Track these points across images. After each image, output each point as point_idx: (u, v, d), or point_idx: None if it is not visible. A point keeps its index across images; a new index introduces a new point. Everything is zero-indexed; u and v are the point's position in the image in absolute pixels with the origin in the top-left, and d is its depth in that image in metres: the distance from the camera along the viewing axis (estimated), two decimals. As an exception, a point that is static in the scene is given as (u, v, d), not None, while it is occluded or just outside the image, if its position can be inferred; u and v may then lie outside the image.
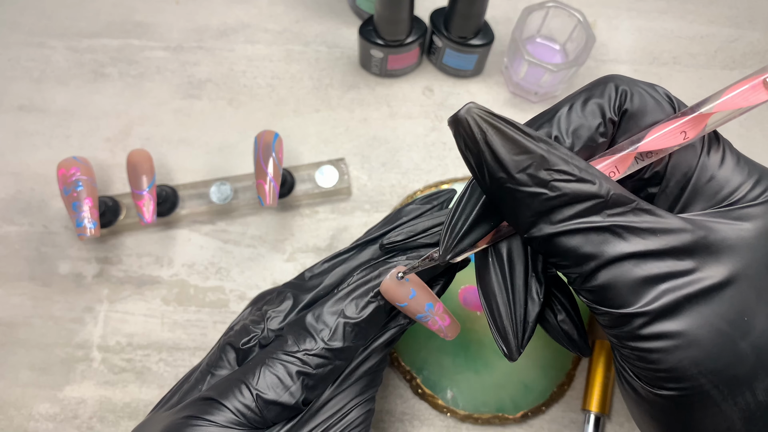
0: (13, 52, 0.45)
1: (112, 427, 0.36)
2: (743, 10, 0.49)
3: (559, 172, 0.19)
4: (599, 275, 0.19)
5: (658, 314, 0.19)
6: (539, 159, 0.19)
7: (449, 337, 0.28)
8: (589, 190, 0.19)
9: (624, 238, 0.19)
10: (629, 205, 0.19)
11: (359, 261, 0.30)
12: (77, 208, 0.34)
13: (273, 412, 0.25)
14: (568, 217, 0.19)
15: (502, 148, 0.19)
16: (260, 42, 0.46)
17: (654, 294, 0.19)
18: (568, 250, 0.19)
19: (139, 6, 0.47)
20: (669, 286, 0.19)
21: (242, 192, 0.40)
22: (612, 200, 0.19)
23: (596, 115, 0.21)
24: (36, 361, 0.37)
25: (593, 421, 0.36)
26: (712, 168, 0.21)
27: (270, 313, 0.29)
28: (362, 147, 0.43)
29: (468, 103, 0.19)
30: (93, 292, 0.39)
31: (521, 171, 0.19)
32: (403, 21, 0.39)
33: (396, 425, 0.36)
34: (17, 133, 0.43)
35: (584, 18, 0.41)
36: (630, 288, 0.19)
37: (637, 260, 0.19)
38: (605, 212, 0.19)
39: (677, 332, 0.19)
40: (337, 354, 0.26)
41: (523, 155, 0.19)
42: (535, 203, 0.19)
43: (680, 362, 0.19)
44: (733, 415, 0.19)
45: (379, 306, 0.27)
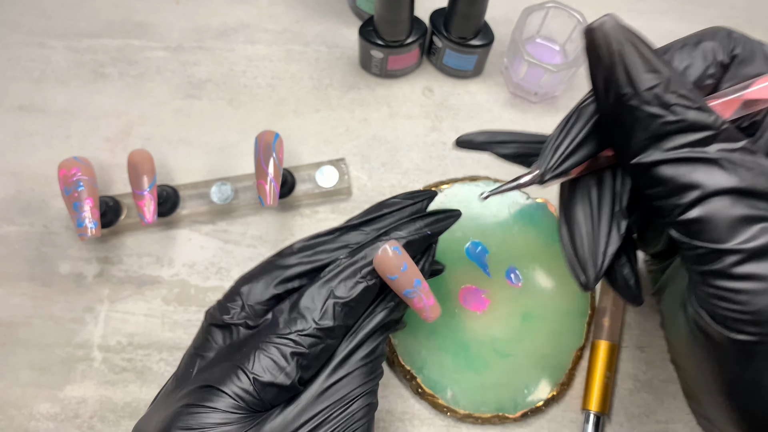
0: (13, 52, 0.45)
1: (112, 426, 0.36)
2: (742, 11, 0.49)
3: (683, 98, 0.19)
4: (698, 207, 0.19)
5: (752, 254, 0.19)
6: (667, 81, 0.19)
7: (430, 318, 0.28)
8: (707, 120, 0.19)
9: (728, 172, 0.19)
10: (740, 142, 0.19)
11: (341, 244, 0.30)
12: (78, 208, 0.34)
13: (271, 394, 0.26)
14: (681, 145, 0.19)
15: (635, 63, 0.19)
16: (260, 42, 0.46)
17: (751, 233, 0.19)
18: (672, 179, 0.20)
19: (139, 6, 0.47)
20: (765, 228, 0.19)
21: (243, 192, 0.40)
22: (724, 135, 0.19)
23: (707, 57, 0.22)
24: (36, 361, 0.37)
25: (593, 421, 0.36)
26: None
27: (244, 289, 0.29)
28: (362, 147, 0.43)
29: (605, 16, 0.19)
30: (93, 292, 0.39)
31: (649, 89, 0.19)
32: (403, 21, 0.39)
33: (396, 424, 0.36)
34: (17, 133, 0.43)
35: (584, 18, 0.41)
36: (728, 223, 0.19)
37: (739, 197, 0.19)
38: (716, 145, 0.19)
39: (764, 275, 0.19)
40: (327, 333, 0.27)
41: (654, 74, 0.19)
42: (654, 125, 0.19)
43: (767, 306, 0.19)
44: None
45: (368, 286, 0.28)
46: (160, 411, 0.27)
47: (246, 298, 0.29)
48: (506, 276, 0.38)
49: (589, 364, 0.37)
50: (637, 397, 0.37)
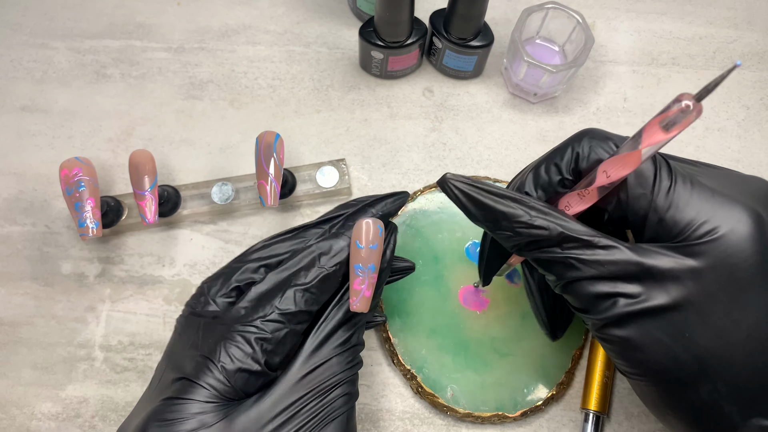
0: (15, 53, 0.45)
1: (114, 426, 0.36)
2: (742, 12, 0.49)
3: (517, 223, 0.25)
4: (567, 289, 0.26)
5: (607, 322, 0.24)
6: (501, 215, 0.25)
7: (356, 307, 0.28)
8: (541, 234, 0.25)
9: (575, 266, 0.25)
10: (579, 241, 0.24)
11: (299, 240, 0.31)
12: (79, 208, 0.34)
13: (241, 380, 0.26)
14: (534, 250, 0.26)
15: (472, 209, 0.26)
16: (261, 43, 0.46)
17: (605, 306, 0.24)
18: (543, 269, 0.27)
19: (141, 7, 0.47)
20: (618, 303, 0.24)
21: (243, 192, 0.40)
22: (563, 238, 0.25)
23: (556, 174, 0.27)
24: (38, 361, 0.37)
25: (592, 420, 0.36)
26: (661, 210, 0.24)
27: (206, 287, 0.30)
28: (363, 147, 0.43)
29: (445, 174, 0.26)
30: (95, 291, 0.39)
31: (490, 222, 0.26)
32: (403, 22, 0.39)
33: (396, 424, 0.36)
34: (20, 133, 0.43)
35: (583, 19, 0.41)
36: (587, 300, 0.25)
37: (589, 281, 0.24)
38: (563, 245, 0.25)
39: (623, 337, 0.24)
40: (290, 318, 0.28)
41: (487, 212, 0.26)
42: (509, 242, 0.26)
43: (629, 360, 0.25)
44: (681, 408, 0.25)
45: (328, 273, 0.29)
46: (139, 411, 0.28)
47: (209, 293, 0.30)
48: (506, 276, 0.38)
49: (589, 364, 0.37)
50: (637, 397, 0.37)
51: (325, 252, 0.29)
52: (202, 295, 0.30)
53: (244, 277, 0.30)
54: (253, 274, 0.30)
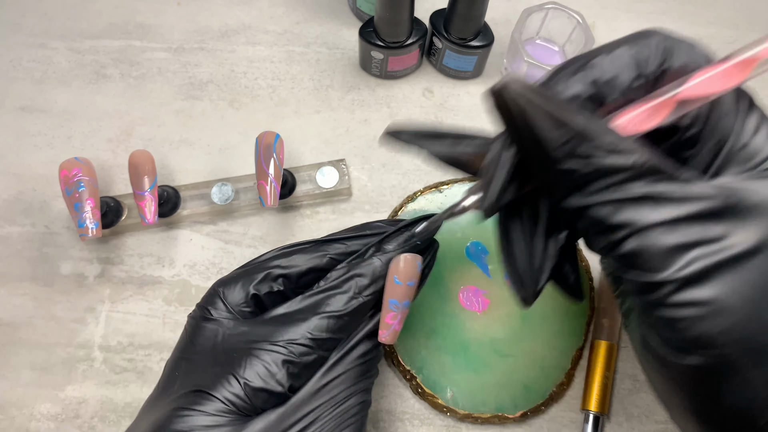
0: (14, 53, 0.45)
1: (113, 426, 0.36)
2: (742, 12, 0.49)
3: (594, 147, 0.19)
4: (628, 242, 0.19)
5: (687, 281, 0.19)
6: (575, 135, 0.19)
7: (386, 339, 0.28)
8: (623, 163, 0.19)
9: (654, 206, 0.19)
10: (661, 174, 0.19)
11: (321, 253, 0.30)
12: (79, 208, 0.34)
13: (261, 399, 0.26)
14: (600, 189, 0.19)
15: (539, 124, 0.19)
16: (261, 43, 0.46)
17: (684, 261, 0.19)
18: (599, 220, 0.20)
19: (141, 7, 0.47)
20: (699, 254, 0.19)
21: (243, 193, 0.40)
22: (644, 171, 0.19)
23: (632, 68, 0.21)
24: (38, 361, 0.37)
25: (592, 421, 0.36)
26: (746, 135, 0.21)
27: (222, 291, 0.29)
28: (363, 148, 0.43)
29: (506, 77, 0.19)
30: (95, 292, 0.39)
31: (558, 147, 0.19)
32: (404, 22, 0.39)
33: (396, 424, 0.36)
34: (19, 133, 0.43)
35: (583, 19, 0.41)
36: (660, 255, 0.19)
37: (667, 227, 0.19)
38: (636, 182, 0.19)
39: (706, 300, 0.19)
40: (320, 344, 0.27)
41: (560, 130, 0.19)
42: (570, 179, 0.19)
43: (709, 330, 0.19)
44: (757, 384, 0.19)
45: (364, 302, 0.28)
46: (147, 417, 0.27)
47: (226, 299, 0.29)
48: (506, 276, 0.38)
49: (589, 364, 0.37)
50: (637, 397, 0.37)
51: (362, 279, 0.28)
52: (218, 298, 0.29)
53: (264, 287, 0.29)
54: (273, 283, 0.29)
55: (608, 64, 0.21)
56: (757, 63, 0.19)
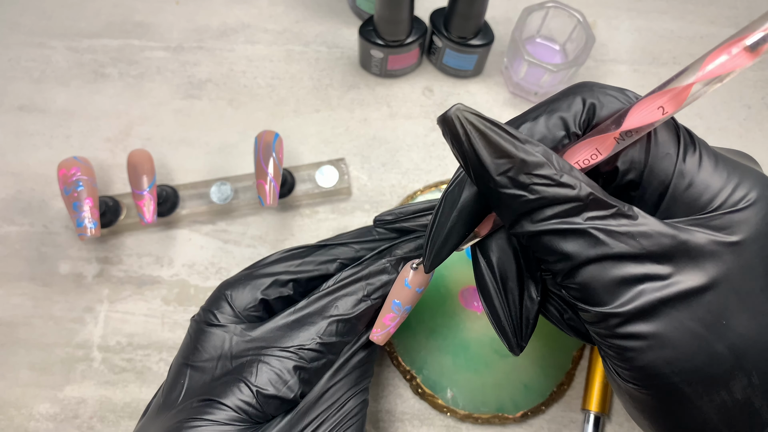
0: (13, 52, 0.45)
1: (112, 426, 0.36)
2: (743, 11, 0.49)
3: (538, 176, 0.19)
4: (578, 274, 0.20)
5: (632, 315, 0.19)
6: (519, 163, 0.19)
7: (378, 339, 0.28)
8: (568, 194, 0.19)
9: (601, 240, 0.19)
10: (609, 209, 0.19)
11: (331, 257, 0.30)
12: (78, 208, 0.34)
13: (272, 406, 0.26)
14: (548, 218, 0.19)
15: (484, 150, 0.19)
16: (260, 42, 0.46)
17: (630, 295, 0.19)
18: (549, 248, 0.20)
19: (140, 6, 0.47)
20: (645, 289, 0.19)
21: (242, 192, 0.40)
22: (591, 203, 0.19)
23: (560, 128, 0.21)
24: (36, 361, 0.37)
25: (593, 421, 0.36)
26: (690, 174, 0.20)
27: (229, 294, 0.29)
28: (362, 147, 0.43)
29: (456, 104, 0.19)
30: (93, 292, 0.39)
31: (501, 174, 0.19)
32: (403, 21, 0.39)
33: (396, 425, 0.36)
34: (17, 133, 0.43)
35: (584, 18, 0.41)
36: (606, 288, 0.19)
37: (614, 262, 0.19)
38: (584, 214, 0.19)
39: (651, 333, 0.19)
40: (329, 348, 0.27)
41: (504, 159, 0.19)
42: (515, 204, 0.20)
43: (653, 361, 0.19)
44: (708, 411, 0.20)
45: (372, 305, 0.28)
46: (153, 427, 0.27)
47: (233, 302, 0.29)
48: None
49: (589, 364, 0.37)
50: (638, 398, 0.37)
51: (372, 282, 0.28)
52: (224, 302, 0.29)
53: (273, 291, 0.29)
54: (282, 288, 0.29)
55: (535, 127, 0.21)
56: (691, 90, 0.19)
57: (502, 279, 0.23)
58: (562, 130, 0.21)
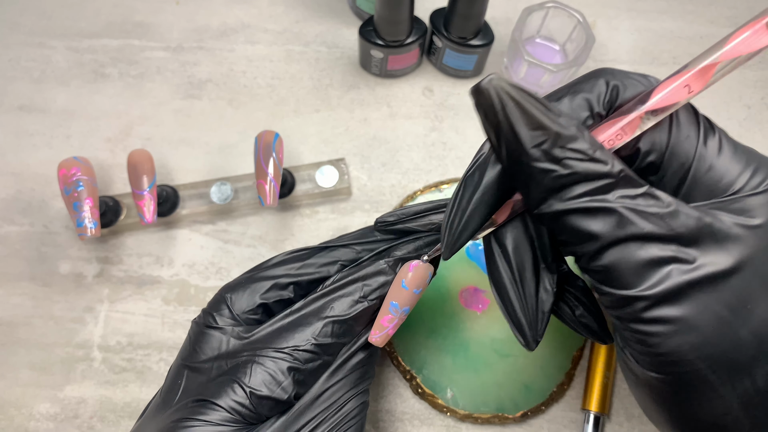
0: (13, 52, 0.45)
1: (112, 426, 0.36)
2: (743, 11, 0.49)
3: (572, 150, 0.19)
4: (604, 255, 0.19)
5: (659, 299, 0.19)
6: (554, 136, 0.19)
7: (377, 340, 0.28)
8: (601, 169, 0.19)
9: (631, 220, 0.19)
10: (640, 188, 0.19)
11: (332, 259, 0.30)
12: (78, 208, 0.34)
13: (266, 407, 0.26)
14: (578, 195, 0.19)
15: (519, 121, 0.19)
16: (260, 42, 0.46)
17: (657, 278, 0.19)
18: (576, 229, 0.19)
19: (140, 6, 0.47)
20: (672, 271, 0.19)
21: (242, 192, 0.40)
22: (622, 181, 0.19)
23: (584, 108, 0.21)
24: (36, 361, 0.37)
25: (593, 421, 0.36)
26: (710, 157, 0.21)
27: (229, 297, 0.29)
28: (362, 147, 0.43)
29: (491, 74, 0.19)
30: (93, 291, 0.39)
31: (535, 146, 0.19)
32: (403, 21, 0.39)
33: (396, 425, 0.36)
34: (18, 133, 0.43)
35: (584, 18, 0.41)
36: (634, 270, 0.19)
37: (643, 243, 0.19)
38: (615, 193, 0.19)
39: (678, 317, 0.19)
40: (325, 349, 0.27)
41: (539, 131, 0.19)
42: (547, 179, 0.19)
43: (679, 347, 0.19)
44: (731, 400, 0.20)
45: (368, 306, 0.28)
46: (149, 427, 0.27)
47: (233, 306, 0.28)
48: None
49: (589, 364, 0.37)
50: (638, 398, 0.37)
51: (369, 284, 0.28)
52: (224, 305, 0.29)
53: (272, 295, 0.29)
54: (281, 291, 0.29)
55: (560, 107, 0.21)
56: (717, 68, 0.19)
57: (518, 269, 0.22)
58: (586, 110, 0.21)
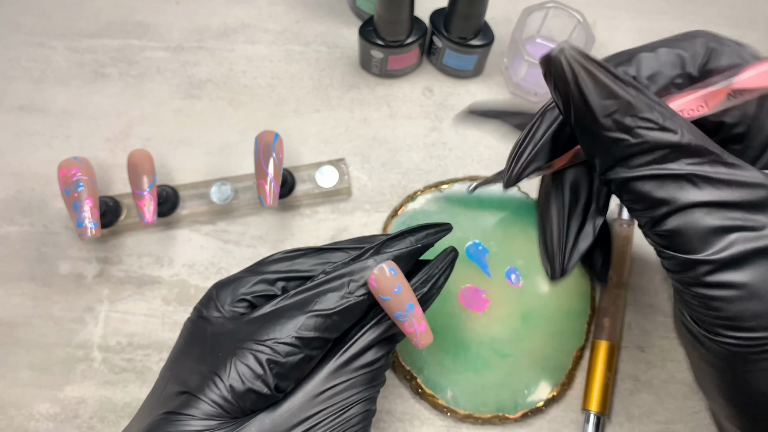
0: (13, 52, 0.45)
1: (112, 427, 0.36)
2: (743, 11, 0.49)
3: (643, 120, 0.19)
4: (670, 220, 0.20)
5: (724, 264, 0.19)
6: (625, 105, 0.19)
7: (421, 344, 0.27)
8: (671, 139, 0.19)
9: (698, 186, 0.19)
10: (708, 156, 0.19)
11: (323, 260, 0.30)
12: (78, 208, 0.34)
13: (249, 401, 0.25)
14: (646, 163, 0.19)
15: (591, 91, 0.19)
16: (260, 42, 0.46)
17: (722, 244, 0.19)
18: (642, 194, 0.20)
19: (140, 6, 0.47)
20: (738, 238, 0.19)
21: (243, 192, 0.40)
22: (692, 149, 0.19)
23: (676, 66, 0.21)
24: (36, 361, 0.37)
25: (593, 421, 0.36)
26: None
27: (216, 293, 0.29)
28: (362, 147, 0.43)
29: (561, 43, 0.19)
30: (93, 292, 0.39)
31: (607, 115, 0.19)
32: (403, 21, 0.39)
33: (396, 425, 0.36)
34: (17, 133, 0.43)
35: (584, 18, 0.41)
36: (699, 235, 0.19)
37: (710, 209, 0.19)
38: (683, 160, 0.19)
39: (741, 283, 0.19)
40: (306, 343, 0.26)
41: (611, 100, 0.19)
42: (616, 148, 0.19)
43: (741, 313, 0.19)
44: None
45: (356, 302, 0.27)
46: (139, 419, 0.27)
47: (218, 299, 0.28)
48: (506, 276, 0.38)
49: (589, 365, 0.37)
50: (637, 398, 0.37)
51: (355, 279, 0.27)
52: (210, 300, 0.29)
53: (258, 289, 0.28)
54: (270, 286, 0.29)
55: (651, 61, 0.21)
56: None
57: (570, 206, 0.23)
58: (678, 68, 0.21)
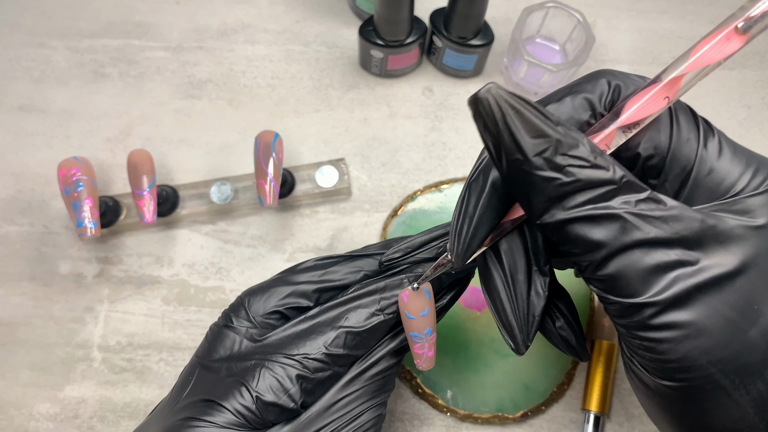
0: (13, 52, 0.45)
1: (112, 426, 0.36)
2: (743, 11, 0.49)
3: (574, 158, 0.18)
4: (610, 264, 0.19)
5: (668, 304, 0.19)
6: (556, 143, 0.18)
7: (423, 367, 0.28)
8: (603, 176, 0.18)
9: (636, 225, 0.19)
10: (642, 192, 0.19)
11: (355, 269, 0.30)
12: (78, 208, 0.34)
13: (272, 414, 0.26)
14: (581, 203, 0.19)
15: (520, 129, 0.18)
16: (260, 42, 0.46)
17: (664, 283, 0.19)
18: (580, 237, 0.19)
19: (140, 6, 0.47)
20: (679, 276, 0.18)
21: (242, 192, 0.40)
22: (624, 187, 0.19)
23: (586, 109, 0.21)
24: (36, 361, 0.37)
25: (593, 421, 0.36)
26: (711, 160, 0.21)
27: (248, 300, 0.29)
28: (362, 147, 0.43)
29: (489, 83, 0.18)
30: (93, 292, 0.39)
31: (537, 154, 0.18)
32: (403, 21, 0.39)
33: (396, 425, 0.36)
34: (18, 133, 0.43)
35: (584, 18, 0.41)
36: (640, 277, 0.19)
37: (648, 248, 0.19)
38: (618, 199, 0.19)
39: (687, 322, 0.19)
40: (335, 360, 0.26)
41: (541, 138, 0.18)
42: (549, 188, 0.19)
43: (690, 352, 0.19)
44: (745, 404, 0.19)
45: (385, 320, 0.27)
46: (158, 421, 0.27)
47: (250, 308, 0.28)
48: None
49: (589, 364, 0.37)
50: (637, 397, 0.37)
51: (387, 297, 0.27)
52: (241, 307, 0.28)
53: (290, 301, 0.28)
54: (300, 299, 0.28)
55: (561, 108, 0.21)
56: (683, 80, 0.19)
57: (510, 272, 0.22)
58: (587, 110, 0.21)
